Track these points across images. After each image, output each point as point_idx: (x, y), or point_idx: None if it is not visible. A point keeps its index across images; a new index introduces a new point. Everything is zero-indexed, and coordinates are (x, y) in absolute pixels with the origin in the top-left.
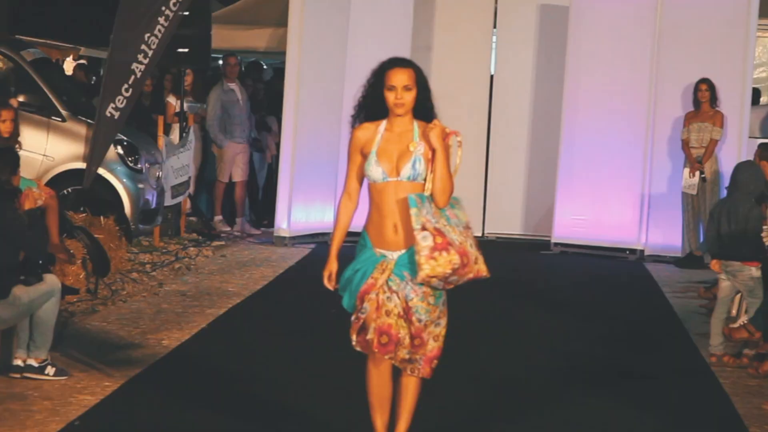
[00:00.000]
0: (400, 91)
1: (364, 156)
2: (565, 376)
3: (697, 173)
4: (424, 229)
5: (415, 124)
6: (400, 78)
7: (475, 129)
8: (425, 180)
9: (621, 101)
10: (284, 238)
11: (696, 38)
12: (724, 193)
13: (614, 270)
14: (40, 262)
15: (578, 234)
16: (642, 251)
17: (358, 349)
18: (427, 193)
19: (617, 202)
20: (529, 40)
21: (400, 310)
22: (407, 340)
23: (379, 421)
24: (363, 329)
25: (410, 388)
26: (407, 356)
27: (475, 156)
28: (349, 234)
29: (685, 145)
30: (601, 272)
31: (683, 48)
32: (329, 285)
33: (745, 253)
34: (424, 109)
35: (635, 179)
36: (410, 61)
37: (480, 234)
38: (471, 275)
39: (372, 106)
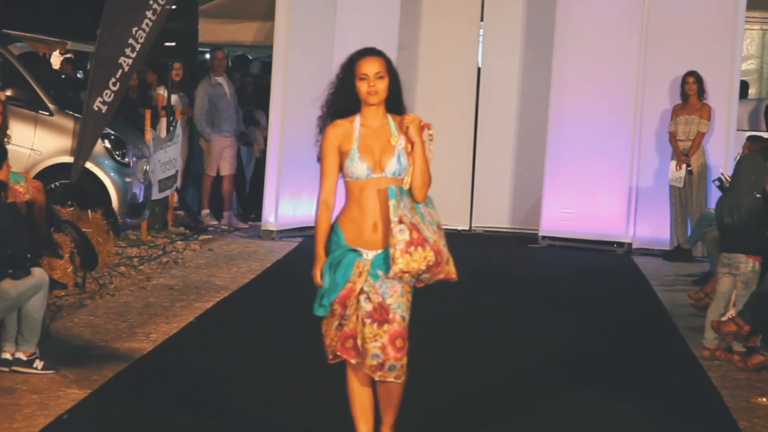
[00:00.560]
0: (372, 79)
1: (343, 153)
2: (552, 369)
3: (684, 166)
4: (401, 222)
5: (389, 117)
6: (371, 66)
7: (462, 122)
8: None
9: (608, 94)
10: (271, 231)
11: (684, 30)
12: (710, 186)
13: (602, 263)
14: (28, 255)
15: (566, 227)
16: (630, 244)
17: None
18: (405, 187)
19: (605, 195)
20: (517, 33)
21: (369, 312)
22: (368, 345)
23: (364, 429)
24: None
25: (393, 392)
26: (375, 362)
27: (462, 149)
28: None
29: (672, 137)
30: (589, 265)
31: (671, 40)
32: (319, 281)
33: (749, 246)
34: (395, 102)
35: (623, 172)
36: (380, 51)
37: (467, 227)
38: (442, 276)
39: (343, 101)
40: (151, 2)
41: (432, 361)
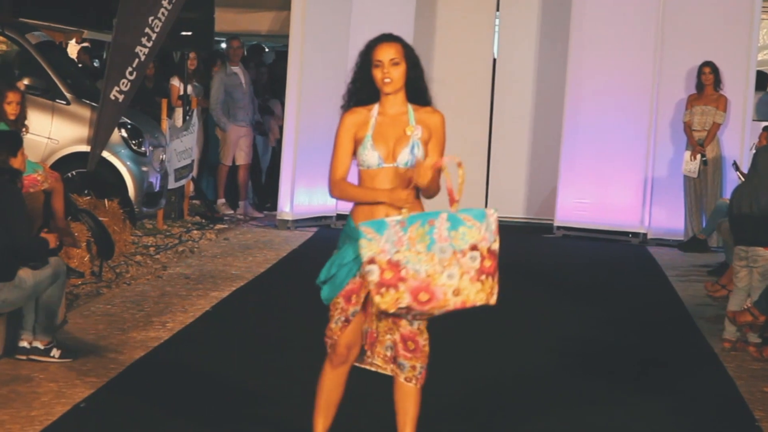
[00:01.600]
0: (387, 65)
1: (357, 141)
2: (566, 359)
3: (699, 156)
4: (371, 262)
5: (410, 106)
6: (386, 52)
7: (477, 113)
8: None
9: (624, 84)
10: (287, 221)
11: (700, 20)
12: (726, 177)
13: (617, 253)
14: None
15: (581, 217)
16: (645, 234)
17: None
18: (405, 211)
19: (620, 185)
20: (532, 23)
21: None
22: (383, 337)
23: (321, 425)
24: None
25: (412, 398)
26: (389, 353)
27: (477, 139)
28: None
29: (687, 127)
30: (604, 256)
31: (687, 30)
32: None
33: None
34: (417, 90)
35: (638, 163)
36: (397, 36)
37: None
38: (448, 308)
39: (362, 89)
40: None
41: (446, 352)
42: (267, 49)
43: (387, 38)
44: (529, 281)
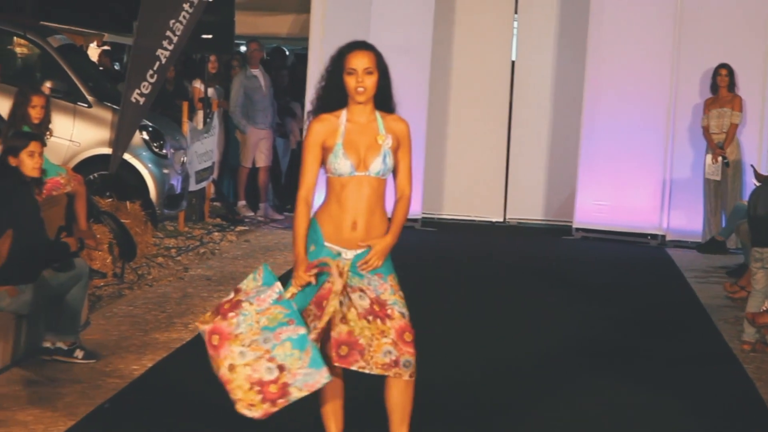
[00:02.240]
0: (361, 74)
1: (326, 149)
2: (586, 360)
3: (720, 159)
4: (237, 290)
5: (378, 114)
6: (360, 61)
7: (496, 115)
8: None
9: (642, 87)
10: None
11: (717, 23)
12: (746, 179)
13: (635, 255)
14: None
15: (599, 219)
16: (663, 236)
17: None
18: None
19: (638, 187)
20: (550, 26)
21: (367, 309)
22: (377, 342)
23: (334, 428)
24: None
25: (410, 393)
26: (388, 359)
27: (496, 142)
28: None
29: (706, 131)
30: (623, 257)
31: (704, 33)
32: (308, 278)
33: None
34: (384, 98)
35: (656, 165)
36: (370, 44)
37: (501, 219)
38: (216, 371)
39: (331, 94)
40: None
41: (462, 350)
42: (288, 52)
43: (361, 46)
44: (548, 282)
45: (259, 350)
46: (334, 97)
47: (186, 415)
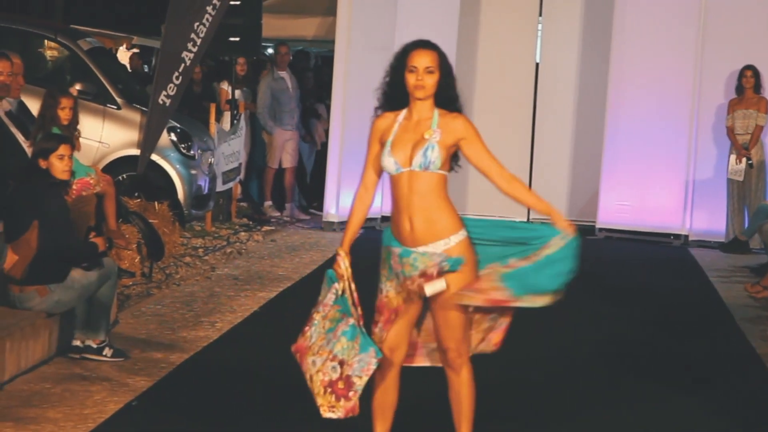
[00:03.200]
0: (421, 72)
1: (382, 146)
2: (609, 360)
3: (744, 159)
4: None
5: (436, 111)
6: (422, 60)
7: (520, 116)
8: (444, 170)
9: (666, 88)
10: (333, 223)
11: (741, 24)
12: None
13: (659, 255)
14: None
15: (623, 219)
16: (686, 236)
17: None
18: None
19: (662, 187)
20: (575, 27)
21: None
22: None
23: (380, 428)
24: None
25: (463, 387)
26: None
27: (520, 142)
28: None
29: (731, 132)
30: (646, 257)
31: (728, 35)
32: (345, 272)
33: None
34: (446, 97)
35: (679, 165)
36: (434, 44)
37: (525, 219)
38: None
39: (394, 91)
40: None
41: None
42: (312, 58)
43: (424, 45)
44: (571, 282)
45: (324, 353)
46: (396, 93)
47: (213, 412)
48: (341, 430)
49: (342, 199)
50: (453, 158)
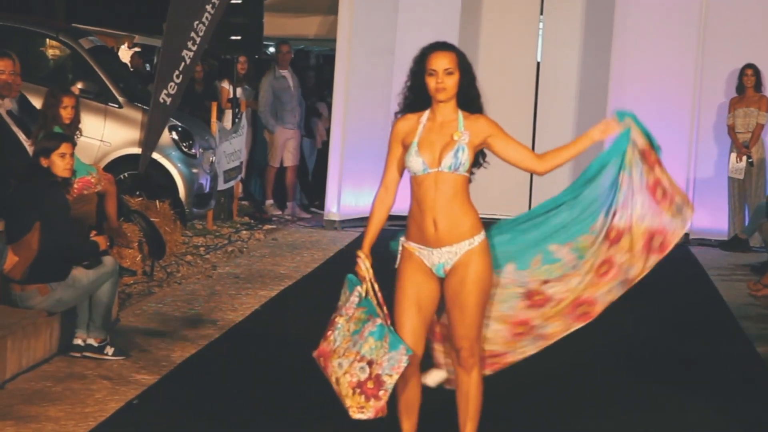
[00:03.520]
0: (441, 75)
1: (405, 147)
2: (608, 358)
3: (744, 158)
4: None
5: (460, 113)
6: (440, 62)
7: (521, 115)
8: (467, 172)
9: (666, 86)
10: (334, 221)
11: (742, 23)
12: None
13: None
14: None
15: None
16: (687, 234)
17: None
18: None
19: None
20: (575, 27)
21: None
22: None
23: (407, 425)
24: None
25: (472, 387)
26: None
27: (521, 140)
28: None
29: (731, 130)
30: None
31: (729, 33)
32: (367, 273)
33: None
34: (468, 98)
35: (680, 163)
36: (452, 45)
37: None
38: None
39: (416, 94)
40: None
41: None
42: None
43: (441, 47)
44: None
45: (351, 355)
46: (418, 97)
47: (215, 410)
48: (346, 430)
49: (343, 197)
50: (475, 160)
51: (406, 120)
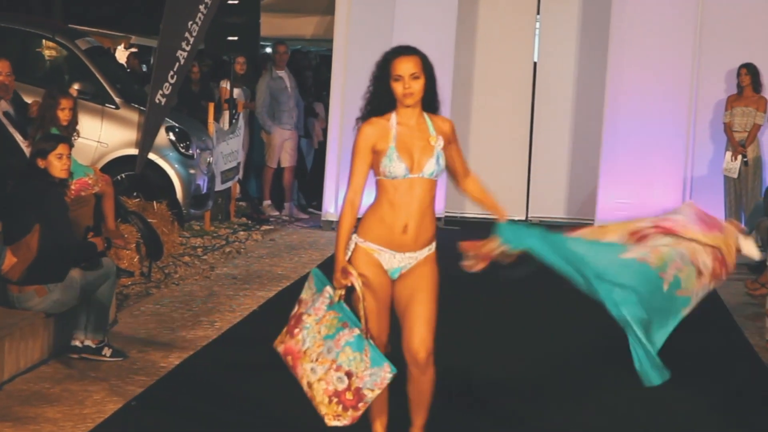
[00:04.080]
0: (407, 80)
1: (378, 152)
2: (605, 354)
3: (739, 157)
4: (299, 302)
5: (426, 116)
6: (406, 66)
7: (518, 114)
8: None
9: (663, 85)
10: (332, 222)
11: (739, 22)
12: (766, 177)
13: None
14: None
15: (621, 217)
16: None
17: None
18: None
19: (660, 185)
20: (572, 26)
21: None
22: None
23: (379, 425)
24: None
25: (425, 384)
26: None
27: (518, 140)
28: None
29: (728, 128)
30: None
31: (726, 32)
32: (345, 282)
33: None
34: (430, 100)
35: (678, 163)
36: (415, 48)
37: (524, 217)
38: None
39: (380, 100)
40: None
41: (484, 345)
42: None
43: (405, 51)
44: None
45: (326, 362)
46: (382, 102)
47: (212, 412)
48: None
49: (341, 197)
50: None
51: (374, 124)
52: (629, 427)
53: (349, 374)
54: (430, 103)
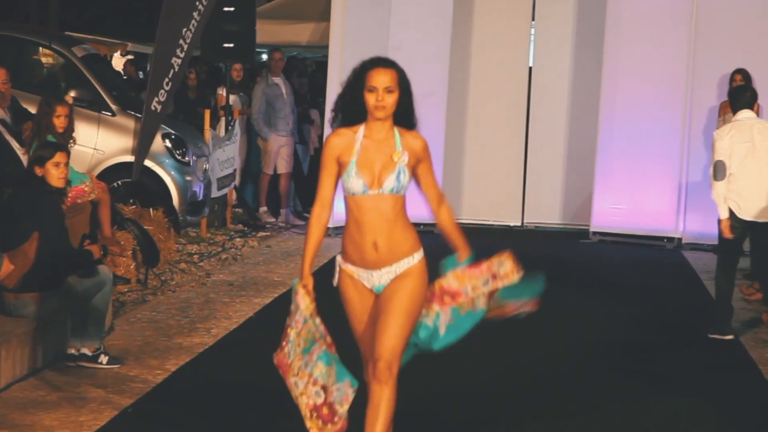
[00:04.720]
0: (381, 92)
1: (341, 165)
2: (603, 362)
3: None
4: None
5: (396, 131)
6: (381, 79)
7: (513, 120)
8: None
9: (658, 91)
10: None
11: (733, 28)
12: None
13: (652, 258)
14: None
15: (616, 222)
16: (680, 239)
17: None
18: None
19: (655, 190)
20: (567, 31)
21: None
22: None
23: None
24: None
25: (384, 401)
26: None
27: (514, 146)
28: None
29: None
30: (639, 260)
31: (720, 38)
32: (307, 297)
33: None
34: (405, 115)
35: (673, 168)
36: (393, 61)
37: (519, 223)
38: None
39: (351, 107)
40: (197, 3)
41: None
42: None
43: (383, 63)
44: (566, 285)
45: (305, 377)
46: (353, 110)
47: (209, 419)
48: None
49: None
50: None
51: (340, 135)
52: None
53: (324, 388)
54: (403, 118)
